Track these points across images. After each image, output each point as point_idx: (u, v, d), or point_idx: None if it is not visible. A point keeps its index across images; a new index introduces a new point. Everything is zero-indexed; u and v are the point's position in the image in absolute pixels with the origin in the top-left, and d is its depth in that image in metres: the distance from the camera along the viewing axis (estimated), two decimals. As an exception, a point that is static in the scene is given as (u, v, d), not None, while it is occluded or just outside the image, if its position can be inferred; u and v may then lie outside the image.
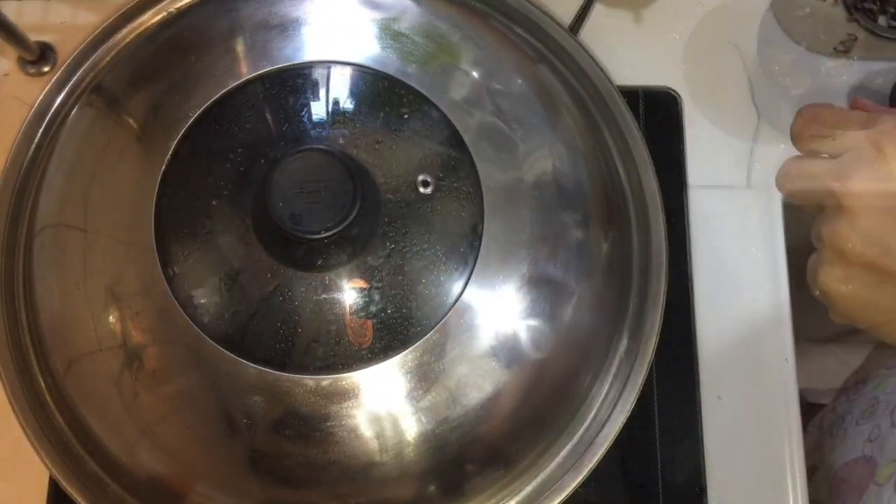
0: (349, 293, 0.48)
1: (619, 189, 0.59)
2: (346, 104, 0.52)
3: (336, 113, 0.52)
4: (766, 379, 0.65)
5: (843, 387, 0.79)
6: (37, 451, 0.52)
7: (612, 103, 0.59)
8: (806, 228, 0.74)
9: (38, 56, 0.68)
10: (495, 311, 0.50)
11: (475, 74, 0.55)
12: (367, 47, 0.54)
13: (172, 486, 0.52)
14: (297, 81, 0.52)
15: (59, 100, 0.58)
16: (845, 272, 0.36)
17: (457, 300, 0.49)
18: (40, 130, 0.57)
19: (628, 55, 0.71)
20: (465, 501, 0.53)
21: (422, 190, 0.50)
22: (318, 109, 0.52)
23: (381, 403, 0.49)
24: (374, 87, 0.53)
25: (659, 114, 0.69)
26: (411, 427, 0.49)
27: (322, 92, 0.52)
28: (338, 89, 0.53)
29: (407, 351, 0.48)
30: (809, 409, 0.73)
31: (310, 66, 0.53)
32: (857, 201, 0.35)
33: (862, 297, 0.36)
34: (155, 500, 0.53)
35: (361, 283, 0.49)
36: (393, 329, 0.48)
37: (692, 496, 0.62)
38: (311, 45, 0.54)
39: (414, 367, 0.48)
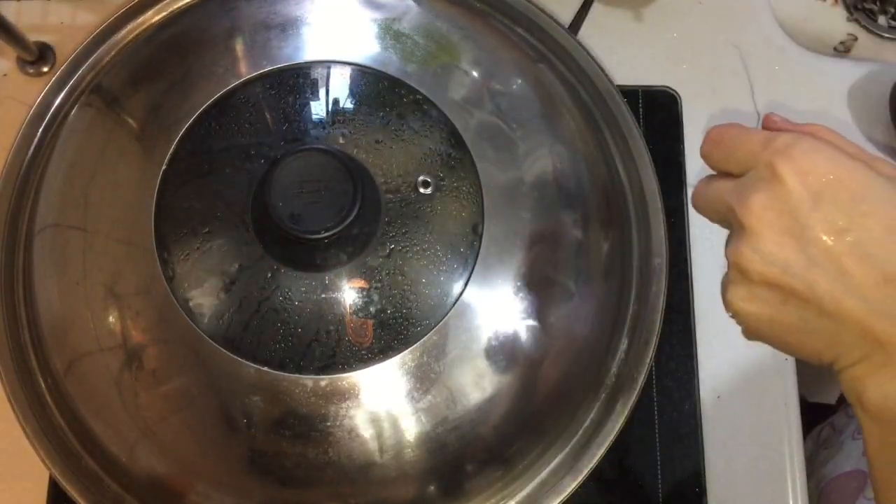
0: (349, 293, 0.48)
1: (620, 189, 0.59)
2: (347, 104, 0.52)
3: (336, 113, 0.52)
4: (765, 378, 0.65)
5: (844, 404, 0.79)
6: (36, 450, 0.52)
7: (612, 103, 0.59)
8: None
9: (37, 56, 0.68)
10: (495, 312, 0.50)
11: (475, 74, 0.55)
12: (367, 47, 0.54)
13: (172, 485, 0.52)
14: (297, 81, 0.52)
15: (58, 100, 0.58)
16: (750, 292, 0.37)
17: (457, 300, 0.49)
18: (40, 130, 0.57)
19: (628, 55, 0.71)
20: (465, 502, 0.53)
21: (422, 190, 0.50)
22: (319, 109, 0.52)
23: (381, 404, 0.49)
24: (375, 86, 0.53)
25: (658, 113, 0.70)
26: (411, 427, 0.49)
27: (322, 92, 0.52)
28: (338, 89, 0.53)
29: (407, 351, 0.48)
30: (809, 408, 0.73)
31: (310, 65, 0.53)
32: (756, 221, 0.36)
33: (768, 315, 0.37)
34: (154, 500, 0.53)
35: (361, 283, 0.49)
36: (393, 329, 0.48)
37: (692, 496, 0.62)
38: (311, 44, 0.54)
39: (413, 368, 0.48)
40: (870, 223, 0.34)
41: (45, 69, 0.69)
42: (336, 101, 0.52)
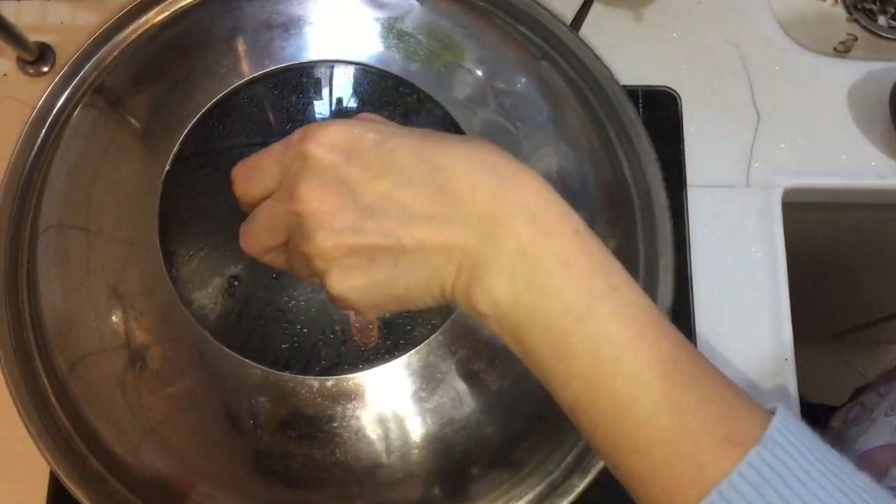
0: (355, 293, 0.48)
1: (624, 188, 0.59)
2: (350, 103, 0.52)
3: (339, 112, 0.52)
4: (765, 378, 0.65)
5: (874, 383, 0.79)
6: (40, 450, 0.52)
7: (616, 101, 0.59)
8: (806, 228, 0.74)
9: (38, 56, 0.68)
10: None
11: (479, 73, 0.55)
12: (370, 46, 0.54)
13: (176, 485, 0.52)
14: (300, 81, 0.52)
15: (61, 100, 0.58)
16: (340, 270, 0.36)
17: (462, 300, 0.49)
18: (43, 131, 0.57)
19: (628, 54, 0.71)
20: (472, 503, 0.53)
21: (426, 189, 0.50)
22: (322, 109, 0.52)
23: (387, 404, 0.49)
24: (378, 86, 0.53)
25: (658, 113, 0.69)
26: (417, 428, 0.49)
27: (325, 91, 0.52)
28: (341, 88, 0.53)
29: (413, 351, 0.48)
30: (809, 409, 0.73)
31: (313, 65, 0.53)
32: (308, 205, 0.36)
33: (366, 281, 0.36)
34: (159, 501, 0.52)
35: (367, 283, 0.48)
36: (398, 329, 0.48)
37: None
38: (314, 44, 0.54)
39: (420, 368, 0.48)
40: (398, 155, 0.35)
41: (45, 69, 0.68)
42: (339, 101, 0.52)
